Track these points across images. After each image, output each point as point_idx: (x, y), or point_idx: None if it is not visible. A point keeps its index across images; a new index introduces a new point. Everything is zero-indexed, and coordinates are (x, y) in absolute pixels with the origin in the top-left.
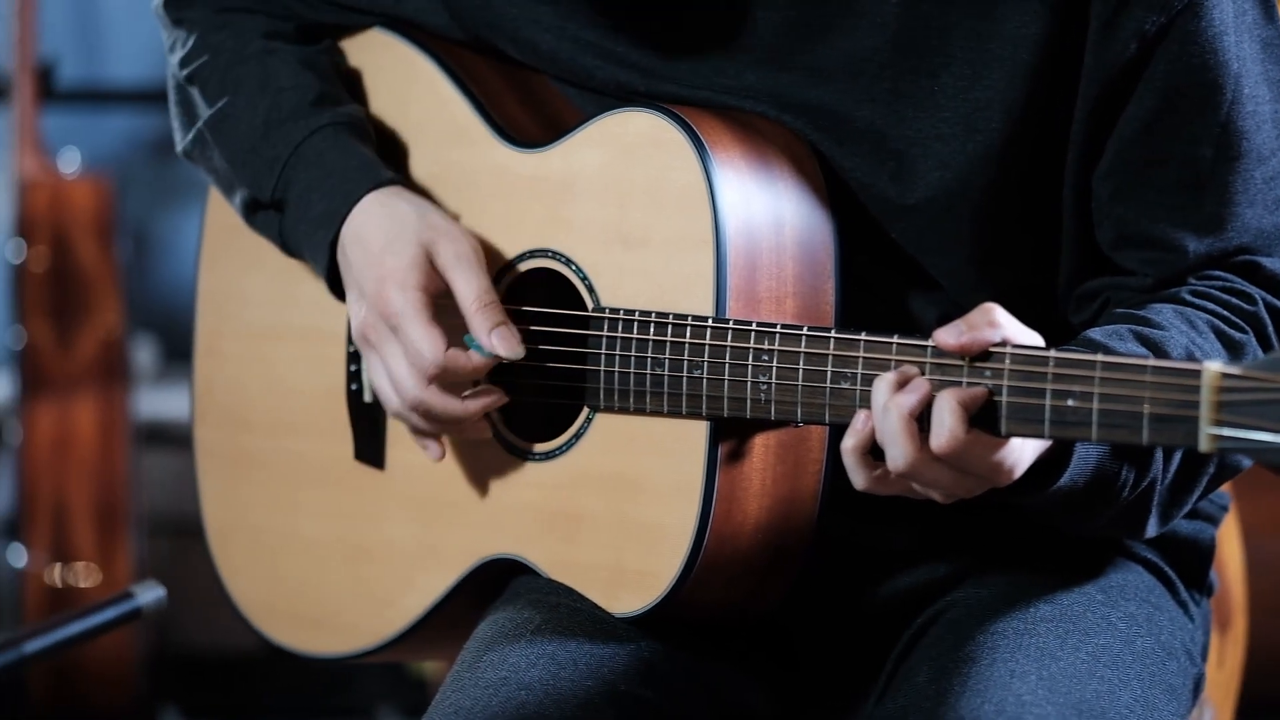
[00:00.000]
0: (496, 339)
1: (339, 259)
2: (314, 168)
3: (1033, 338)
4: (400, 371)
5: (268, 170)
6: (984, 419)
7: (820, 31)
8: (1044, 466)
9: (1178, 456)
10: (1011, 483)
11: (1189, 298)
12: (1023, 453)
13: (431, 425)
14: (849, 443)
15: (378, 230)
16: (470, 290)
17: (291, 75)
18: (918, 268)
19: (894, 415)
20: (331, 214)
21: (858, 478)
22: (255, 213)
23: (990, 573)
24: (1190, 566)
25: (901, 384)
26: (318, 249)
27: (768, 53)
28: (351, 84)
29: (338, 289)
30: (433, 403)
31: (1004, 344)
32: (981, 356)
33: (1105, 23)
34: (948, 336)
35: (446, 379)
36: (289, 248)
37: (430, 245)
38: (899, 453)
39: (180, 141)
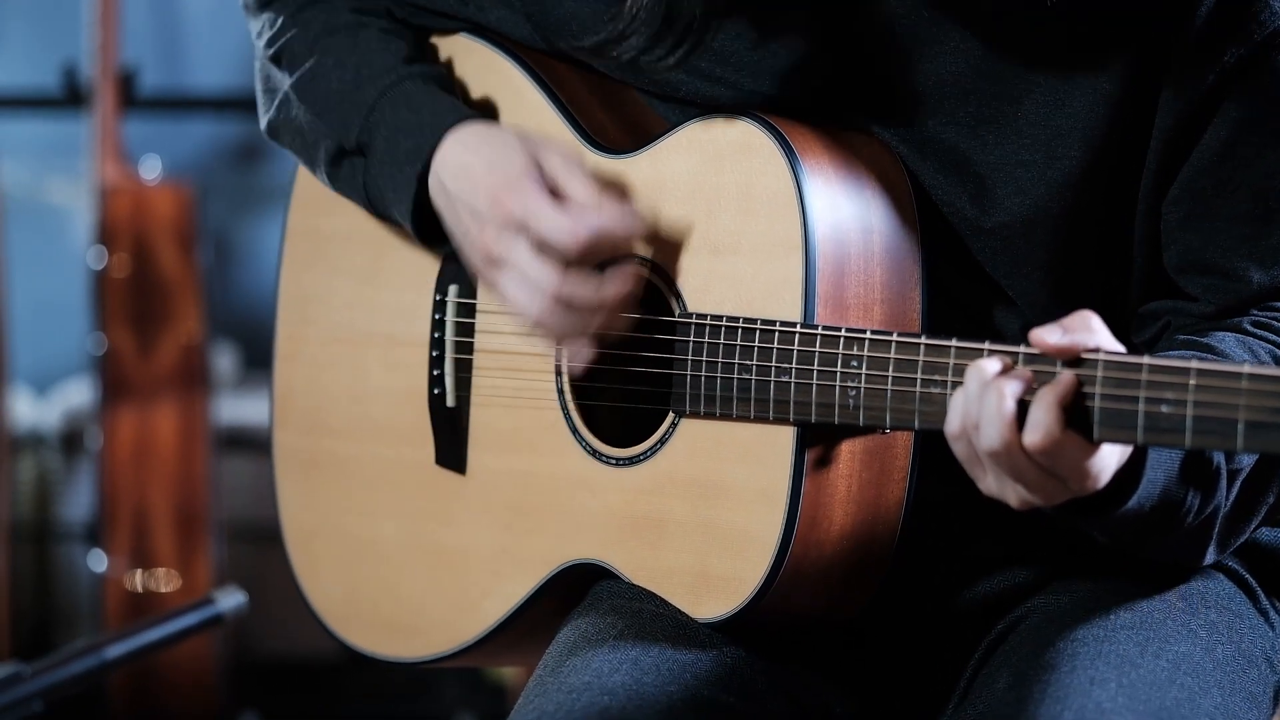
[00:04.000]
0: (609, 215)
1: (436, 201)
2: (401, 109)
3: (1119, 347)
4: (535, 269)
5: (355, 114)
6: (1077, 422)
7: (903, 55)
8: (1111, 490)
9: (1239, 484)
10: (1079, 506)
11: (1250, 328)
12: (1108, 462)
13: (576, 320)
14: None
15: (480, 155)
16: (585, 191)
17: (382, 42)
18: (997, 284)
19: (994, 397)
20: (419, 149)
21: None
22: (339, 164)
23: (1070, 579)
24: (1272, 574)
25: (1004, 370)
26: (403, 187)
27: (852, 74)
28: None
29: (423, 232)
30: (574, 290)
31: (1097, 350)
32: (1074, 362)
33: (1184, 55)
34: (1046, 337)
35: (596, 249)
36: (371, 197)
37: (536, 154)
38: (994, 432)
39: (264, 116)
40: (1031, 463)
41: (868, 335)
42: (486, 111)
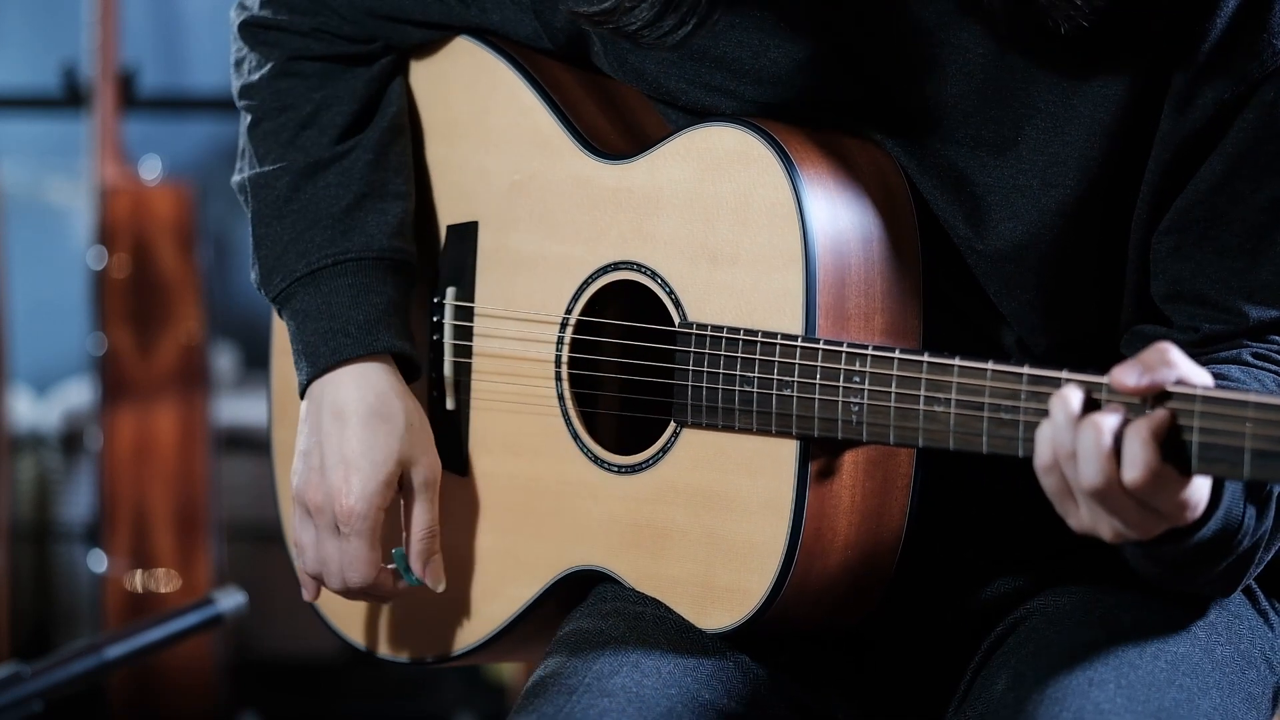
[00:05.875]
0: (430, 571)
1: (311, 396)
2: (320, 298)
3: (1204, 377)
4: (333, 560)
5: (280, 276)
6: (1173, 456)
7: (908, 74)
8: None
9: (1270, 515)
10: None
11: (1251, 360)
12: (1201, 493)
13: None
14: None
15: (358, 421)
16: (424, 521)
17: (340, 170)
18: (990, 300)
19: (1090, 432)
20: (317, 355)
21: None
22: (255, 284)
23: (1069, 582)
24: (1271, 575)
25: (1088, 401)
26: (298, 368)
27: (853, 93)
28: (430, 90)
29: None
30: (363, 588)
31: (1180, 384)
32: (1163, 395)
33: (1184, 89)
34: (1126, 378)
35: (363, 594)
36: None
37: (407, 464)
38: (1094, 469)
39: (235, 173)
40: (1131, 499)
41: (870, 351)
42: (482, 115)
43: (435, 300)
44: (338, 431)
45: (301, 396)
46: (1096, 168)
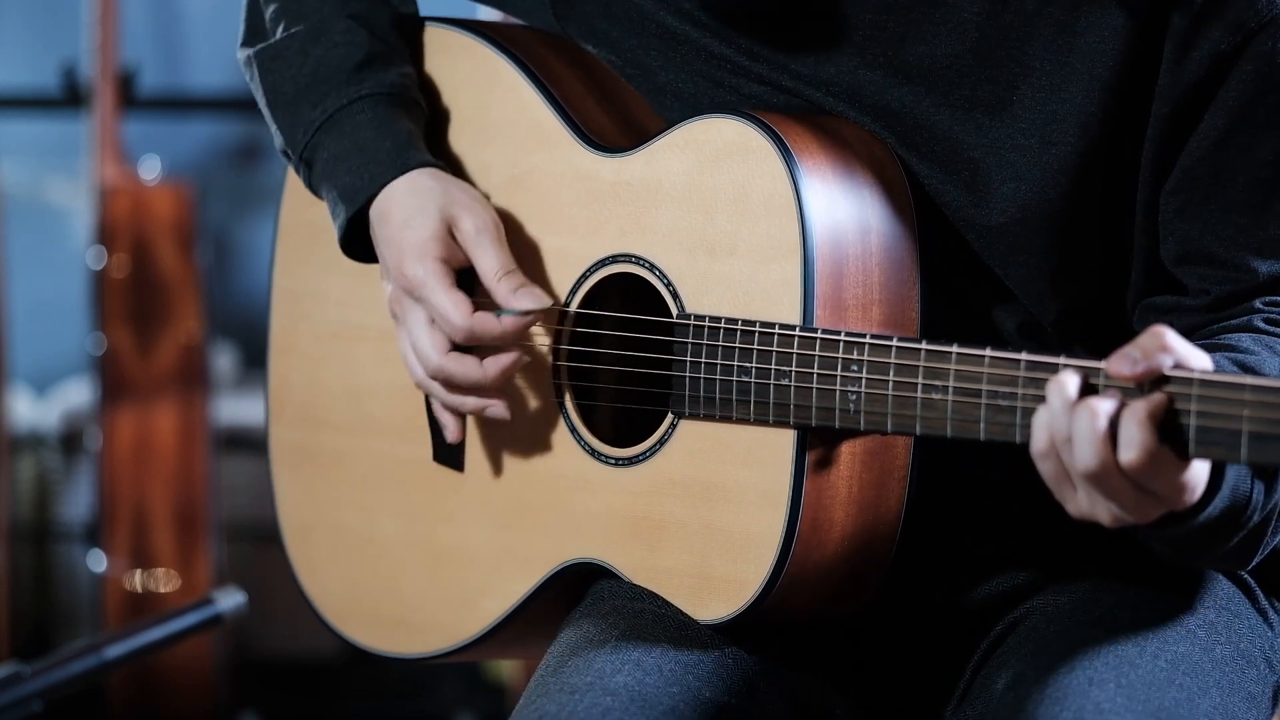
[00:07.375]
0: (522, 296)
1: (371, 234)
2: (346, 139)
3: (1202, 359)
4: (422, 340)
5: (302, 130)
6: (1170, 438)
7: (900, 35)
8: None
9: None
10: (1164, 517)
11: (1263, 325)
12: (1200, 475)
13: (455, 396)
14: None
15: (400, 208)
16: (492, 263)
17: (345, 30)
18: (993, 275)
19: (1086, 415)
20: (355, 191)
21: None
22: (286, 158)
23: (1069, 580)
24: (1270, 574)
25: (1085, 384)
26: (336, 219)
27: (848, 50)
28: (430, 84)
29: (353, 256)
30: (452, 369)
31: (1177, 367)
32: (1160, 378)
33: (1180, 41)
34: (1122, 367)
35: (474, 342)
36: (316, 195)
37: (451, 218)
38: (1090, 452)
39: (240, 44)
40: (1128, 481)
41: (868, 340)
42: (481, 110)
43: None
44: (385, 230)
45: (347, 250)
46: (1097, 124)
